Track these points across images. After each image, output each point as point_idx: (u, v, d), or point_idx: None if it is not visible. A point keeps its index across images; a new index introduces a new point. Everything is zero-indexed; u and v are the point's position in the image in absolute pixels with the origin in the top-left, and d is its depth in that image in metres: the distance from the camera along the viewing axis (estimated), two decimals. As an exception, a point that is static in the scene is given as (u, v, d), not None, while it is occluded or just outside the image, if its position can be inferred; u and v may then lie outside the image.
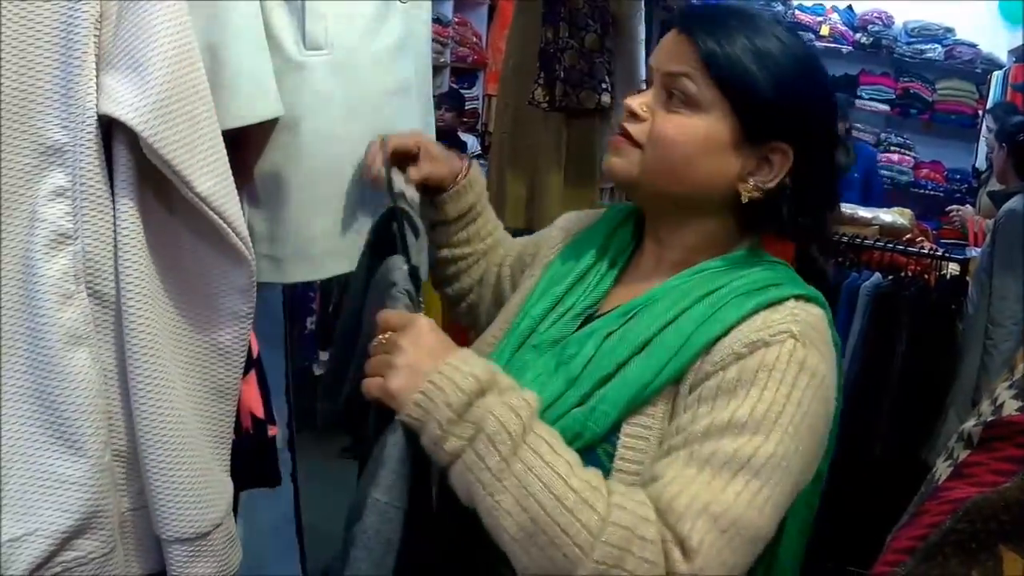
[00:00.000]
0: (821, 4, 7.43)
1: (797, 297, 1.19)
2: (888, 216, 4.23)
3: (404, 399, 1.05)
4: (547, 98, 3.21)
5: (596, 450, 1.13)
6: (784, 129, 1.23)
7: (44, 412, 1.04)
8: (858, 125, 7.12)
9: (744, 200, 1.23)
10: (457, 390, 1.04)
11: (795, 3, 7.33)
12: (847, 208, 4.30)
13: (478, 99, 6.23)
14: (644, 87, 1.31)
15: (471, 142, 5.75)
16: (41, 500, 1.05)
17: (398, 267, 1.26)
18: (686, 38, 1.23)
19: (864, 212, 4.25)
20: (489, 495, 1.02)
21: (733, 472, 1.04)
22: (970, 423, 1.01)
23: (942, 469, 1.00)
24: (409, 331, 1.10)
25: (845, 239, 3.90)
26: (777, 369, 1.10)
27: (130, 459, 1.12)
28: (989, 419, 0.95)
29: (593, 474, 1.06)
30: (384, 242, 1.36)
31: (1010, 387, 0.96)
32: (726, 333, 1.14)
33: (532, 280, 1.40)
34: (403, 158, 1.48)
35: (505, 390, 1.08)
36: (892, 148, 7.33)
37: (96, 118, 1.01)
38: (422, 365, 1.07)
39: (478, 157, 5.57)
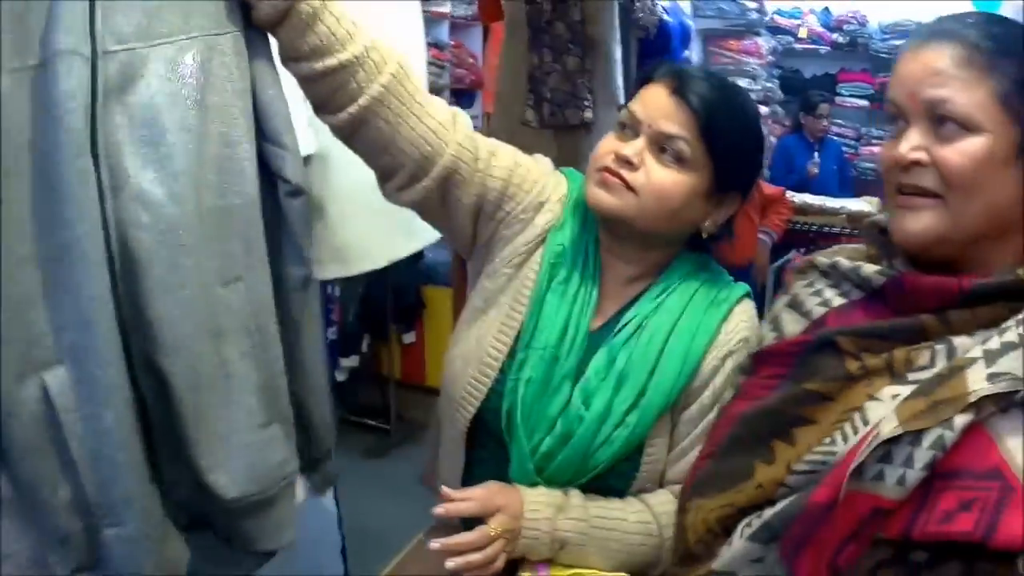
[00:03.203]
0: (798, 8, 7.64)
1: (739, 298, 1.51)
2: (855, 205, 4.52)
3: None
4: (537, 118, 3.38)
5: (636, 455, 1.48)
6: (743, 182, 1.50)
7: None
8: (839, 121, 7.33)
9: (704, 236, 1.50)
10: (550, 539, 1.43)
11: (772, 9, 7.47)
12: (816, 200, 4.60)
13: (478, 117, 6.16)
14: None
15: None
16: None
17: None
18: (681, 102, 1.39)
19: (832, 203, 4.53)
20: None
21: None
22: (744, 355, 1.35)
23: (727, 396, 1.34)
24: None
25: (814, 228, 4.21)
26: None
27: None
28: (756, 350, 1.27)
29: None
30: None
31: (790, 308, 1.27)
32: (704, 353, 1.45)
33: (528, 290, 1.52)
34: None
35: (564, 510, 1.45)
36: (873, 141, 7.49)
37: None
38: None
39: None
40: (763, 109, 6.72)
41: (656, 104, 1.42)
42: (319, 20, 1.32)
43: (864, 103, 7.50)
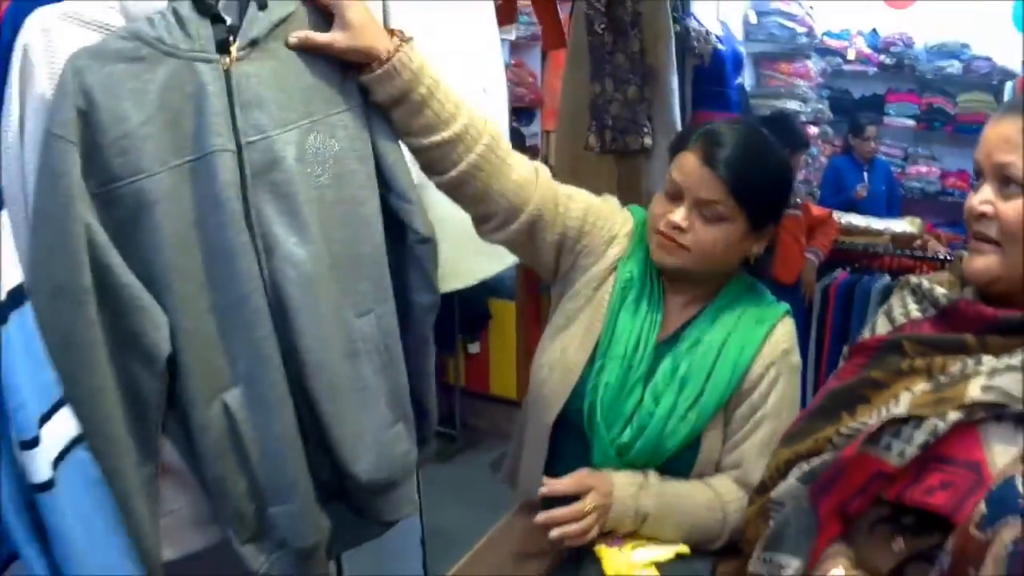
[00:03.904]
0: (847, 30, 7.71)
1: (781, 316, 1.78)
2: (898, 226, 4.66)
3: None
4: (599, 143, 3.55)
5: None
6: (775, 216, 1.78)
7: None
8: (887, 141, 7.42)
9: (751, 262, 1.80)
10: (635, 512, 1.68)
11: (821, 31, 7.51)
12: (860, 221, 4.76)
13: (537, 135, 6.28)
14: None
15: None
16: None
17: None
18: (711, 171, 1.65)
19: (876, 223, 4.65)
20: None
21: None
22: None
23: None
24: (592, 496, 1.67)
25: (859, 248, 4.34)
26: (783, 374, 1.74)
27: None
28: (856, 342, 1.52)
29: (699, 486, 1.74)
30: None
31: (884, 314, 1.51)
32: (752, 362, 1.73)
33: (604, 309, 1.80)
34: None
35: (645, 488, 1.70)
36: (920, 160, 7.61)
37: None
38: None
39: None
40: (813, 129, 6.81)
41: (692, 173, 1.69)
42: (427, 105, 1.64)
43: (911, 123, 7.57)
